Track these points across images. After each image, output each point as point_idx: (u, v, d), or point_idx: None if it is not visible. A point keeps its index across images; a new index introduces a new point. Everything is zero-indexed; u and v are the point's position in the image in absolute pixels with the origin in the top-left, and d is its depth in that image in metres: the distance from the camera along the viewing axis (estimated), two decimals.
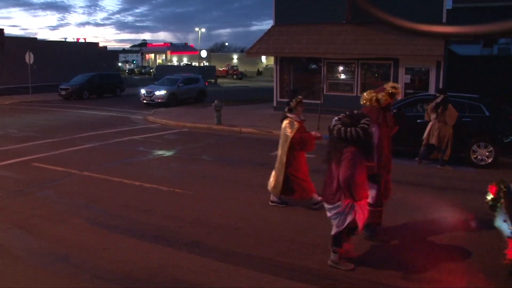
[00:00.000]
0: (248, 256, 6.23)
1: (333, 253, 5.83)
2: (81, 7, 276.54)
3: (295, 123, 8.08)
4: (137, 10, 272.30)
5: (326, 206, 5.75)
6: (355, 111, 5.67)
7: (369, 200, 6.06)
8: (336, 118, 5.65)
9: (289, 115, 8.16)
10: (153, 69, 69.32)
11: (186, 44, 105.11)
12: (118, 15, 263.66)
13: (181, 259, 6.13)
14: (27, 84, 33.11)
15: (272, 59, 30.27)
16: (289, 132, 8.03)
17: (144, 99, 27.75)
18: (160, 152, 13.58)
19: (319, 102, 19.04)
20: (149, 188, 9.60)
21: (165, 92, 27.37)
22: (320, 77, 21.78)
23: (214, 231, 7.15)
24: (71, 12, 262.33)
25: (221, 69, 71.77)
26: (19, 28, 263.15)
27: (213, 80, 53.95)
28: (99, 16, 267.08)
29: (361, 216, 5.59)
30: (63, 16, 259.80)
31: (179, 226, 7.39)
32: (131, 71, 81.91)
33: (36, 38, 48.87)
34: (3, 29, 42.75)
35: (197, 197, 8.99)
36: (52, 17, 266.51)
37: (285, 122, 8.14)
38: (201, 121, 19.44)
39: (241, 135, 17.16)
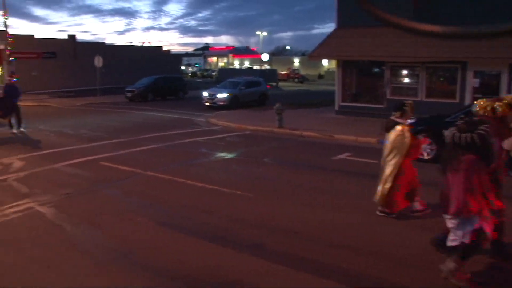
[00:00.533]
0: (308, 260, 6.16)
1: (452, 262, 5.33)
2: (146, 12, 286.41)
3: (406, 128, 7.87)
4: (200, 15, 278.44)
5: (446, 217, 5.38)
6: (475, 118, 5.39)
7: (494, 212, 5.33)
8: (456, 123, 5.35)
9: (400, 120, 7.86)
10: (215, 72, 70.29)
11: (247, 47, 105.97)
12: (181, 20, 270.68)
13: (240, 260, 6.17)
14: (95, 87, 34.60)
15: (334, 62, 30.01)
16: (407, 139, 7.69)
17: (206, 102, 28.23)
18: (222, 154, 13.75)
19: (382, 106, 18.67)
20: (211, 190, 9.73)
21: (227, 95, 27.73)
22: (383, 81, 21.35)
23: (274, 234, 7.14)
24: (137, 18, 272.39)
25: (282, 72, 71.70)
26: (89, 33, 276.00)
27: (274, 84, 54.07)
28: (163, 20, 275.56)
29: (488, 228, 5.13)
30: (130, 21, 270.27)
31: (239, 227, 7.44)
32: (194, 74, 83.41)
33: (104, 42, 51.00)
34: (75, 35, 45.09)
35: (258, 200, 9.01)
36: (119, 23, 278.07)
37: (399, 129, 7.78)
38: (263, 124, 19.49)
39: (303, 138, 17.07)
